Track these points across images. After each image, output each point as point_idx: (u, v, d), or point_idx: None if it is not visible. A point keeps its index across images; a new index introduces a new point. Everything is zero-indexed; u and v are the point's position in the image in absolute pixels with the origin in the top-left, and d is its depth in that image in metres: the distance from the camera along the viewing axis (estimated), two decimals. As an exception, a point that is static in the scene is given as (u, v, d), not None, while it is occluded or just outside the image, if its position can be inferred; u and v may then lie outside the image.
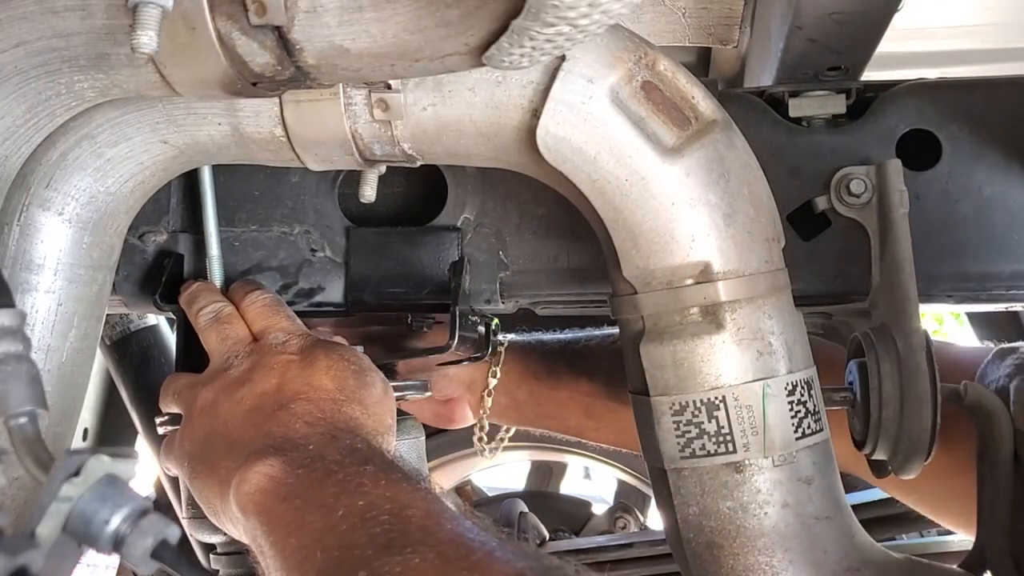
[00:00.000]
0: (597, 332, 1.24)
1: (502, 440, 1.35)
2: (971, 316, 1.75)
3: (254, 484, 0.71)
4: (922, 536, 1.50)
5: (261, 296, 0.92)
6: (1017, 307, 1.08)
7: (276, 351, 0.85)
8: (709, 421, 0.76)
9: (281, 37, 0.67)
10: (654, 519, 1.98)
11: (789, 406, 0.77)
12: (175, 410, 0.90)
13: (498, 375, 1.19)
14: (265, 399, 0.81)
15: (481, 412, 1.22)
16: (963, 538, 1.22)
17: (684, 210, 0.76)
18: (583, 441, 1.34)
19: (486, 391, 1.20)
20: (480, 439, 1.26)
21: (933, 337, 0.83)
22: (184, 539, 1.03)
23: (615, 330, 1.22)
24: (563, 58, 0.74)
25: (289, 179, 1.01)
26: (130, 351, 1.44)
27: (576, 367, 1.20)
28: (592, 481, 2.97)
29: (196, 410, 0.85)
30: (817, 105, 0.96)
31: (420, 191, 1.04)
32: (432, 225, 1.00)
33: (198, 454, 0.82)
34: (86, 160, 0.83)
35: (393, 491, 0.67)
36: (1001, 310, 1.39)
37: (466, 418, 1.25)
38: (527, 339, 1.24)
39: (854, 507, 0.84)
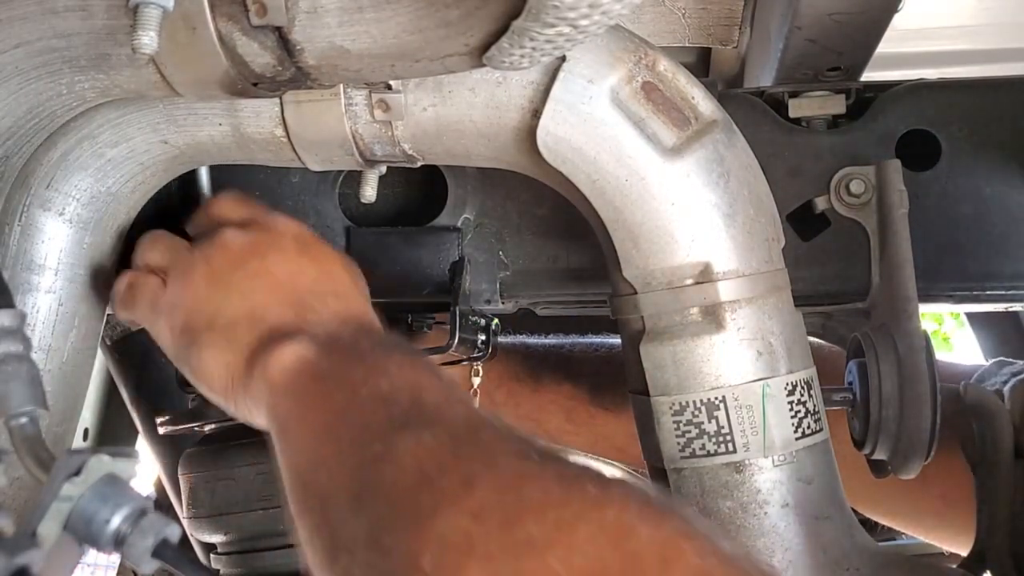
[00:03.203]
0: (581, 339, 1.23)
1: None
2: (971, 316, 1.75)
3: (289, 364, 0.70)
4: (922, 536, 1.50)
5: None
6: (1017, 307, 1.08)
7: (274, 232, 0.81)
8: (709, 421, 0.77)
9: (282, 38, 0.67)
10: (654, 519, 1.97)
11: (789, 406, 0.77)
12: (156, 264, 0.85)
13: (480, 373, 1.18)
14: (289, 283, 0.78)
15: None
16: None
17: (684, 210, 0.76)
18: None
19: (472, 391, 1.19)
20: None
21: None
22: (185, 538, 1.04)
23: (600, 339, 1.22)
24: (563, 58, 0.74)
25: (289, 179, 1.01)
26: (130, 351, 1.44)
27: (560, 370, 1.19)
28: (592, 481, 2.97)
29: (195, 275, 0.79)
30: (817, 105, 0.96)
31: (420, 191, 1.04)
32: (432, 225, 1.00)
33: (207, 326, 0.78)
34: (87, 160, 0.83)
35: (415, 376, 0.67)
36: (1001, 310, 1.39)
37: None
38: (510, 341, 1.23)
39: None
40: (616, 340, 1.20)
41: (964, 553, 0.91)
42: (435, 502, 0.51)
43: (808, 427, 0.78)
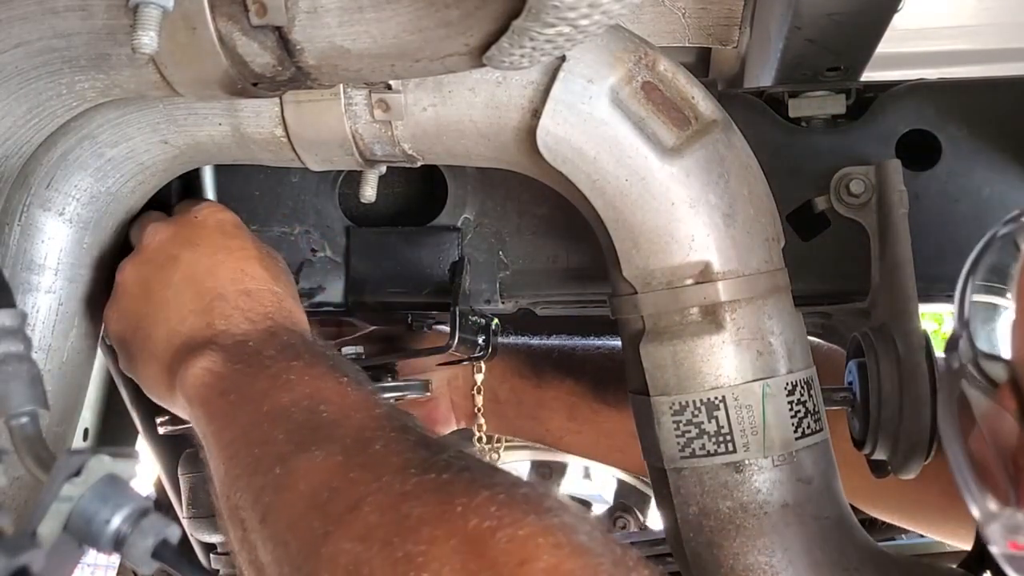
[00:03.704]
0: (583, 340, 1.23)
1: (500, 443, 1.33)
2: (971, 316, 1.75)
3: (198, 379, 0.73)
4: (922, 536, 1.50)
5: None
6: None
7: (194, 224, 0.83)
8: (709, 421, 0.77)
9: (282, 38, 0.67)
10: (654, 519, 1.98)
11: (789, 406, 0.77)
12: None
13: (483, 370, 1.18)
14: (201, 285, 0.80)
15: (476, 410, 1.20)
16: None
17: (684, 210, 0.76)
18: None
19: (475, 388, 1.19)
20: (480, 439, 1.25)
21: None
22: (184, 539, 1.04)
23: (602, 340, 1.22)
24: (563, 58, 0.74)
25: (289, 179, 1.01)
26: (130, 351, 1.44)
27: (562, 367, 1.19)
28: (592, 481, 2.97)
29: (122, 286, 0.83)
30: (817, 105, 0.96)
31: (420, 191, 1.04)
32: (432, 225, 1.00)
33: (132, 336, 0.82)
34: (87, 160, 0.83)
35: (314, 387, 0.69)
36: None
37: (449, 420, 1.22)
38: (513, 340, 1.22)
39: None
40: (618, 341, 1.20)
41: (966, 547, 0.91)
42: (326, 527, 0.56)
43: (808, 427, 0.78)
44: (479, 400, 1.19)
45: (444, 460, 0.59)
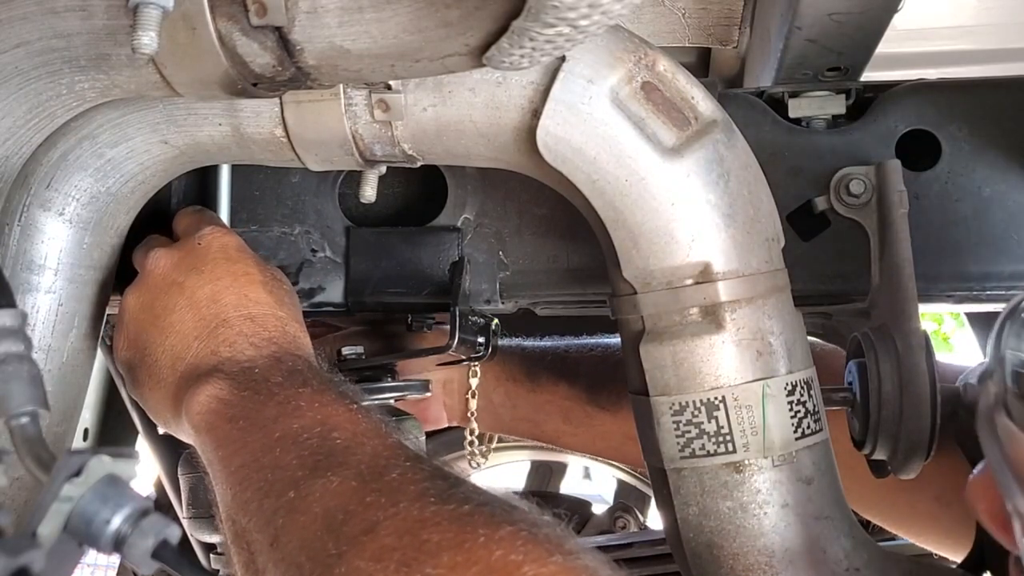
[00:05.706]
0: (577, 341, 1.23)
1: (490, 445, 1.33)
2: (971, 316, 1.75)
3: (204, 405, 0.73)
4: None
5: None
6: (1016, 307, 1.08)
7: (197, 249, 0.84)
8: (709, 421, 0.77)
9: (282, 38, 0.67)
10: (654, 519, 1.98)
11: (789, 406, 0.77)
12: None
13: (479, 374, 1.18)
14: (205, 311, 0.80)
15: (469, 415, 1.20)
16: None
17: (684, 210, 0.76)
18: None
19: (469, 392, 1.19)
20: (471, 443, 1.24)
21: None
22: (184, 539, 1.03)
23: (595, 340, 1.22)
24: (563, 59, 0.74)
25: (289, 179, 1.01)
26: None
27: (556, 370, 1.19)
28: (592, 481, 2.97)
29: (127, 312, 0.84)
30: (817, 106, 0.96)
31: (420, 191, 1.04)
32: (432, 225, 1.00)
33: (139, 362, 0.82)
34: (87, 160, 0.83)
35: (324, 413, 0.69)
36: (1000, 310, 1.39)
37: (440, 419, 1.23)
38: (507, 343, 1.22)
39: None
40: (611, 340, 1.20)
41: (953, 556, 0.91)
42: (340, 548, 0.56)
43: (808, 427, 0.78)
44: (473, 404, 1.19)
45: (462, 493, 0.59)
